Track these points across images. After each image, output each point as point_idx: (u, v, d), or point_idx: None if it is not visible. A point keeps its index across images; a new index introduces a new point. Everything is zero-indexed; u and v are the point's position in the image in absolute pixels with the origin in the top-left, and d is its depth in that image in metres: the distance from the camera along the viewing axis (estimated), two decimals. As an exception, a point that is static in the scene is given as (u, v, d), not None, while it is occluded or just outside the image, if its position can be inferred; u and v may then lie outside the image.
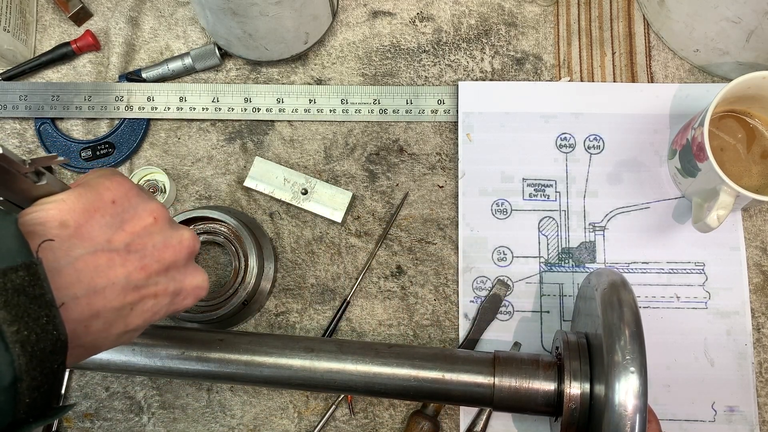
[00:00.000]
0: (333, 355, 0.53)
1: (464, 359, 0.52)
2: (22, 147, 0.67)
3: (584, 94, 0.66)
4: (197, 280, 0.41)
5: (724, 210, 0.54)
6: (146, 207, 0.39)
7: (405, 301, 0.63)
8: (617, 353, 0.43)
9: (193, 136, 0.67)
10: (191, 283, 0.40)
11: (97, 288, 0.34)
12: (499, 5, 0.69)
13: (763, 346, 0.61)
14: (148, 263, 0.37)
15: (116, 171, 0.39)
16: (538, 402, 0.50)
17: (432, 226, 0.65)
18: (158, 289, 0.38)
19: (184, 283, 0.40)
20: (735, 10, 0.58)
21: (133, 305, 0.36)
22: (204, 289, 0.41)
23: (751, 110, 0.60)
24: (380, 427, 0.61)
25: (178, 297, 0.39)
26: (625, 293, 0.47)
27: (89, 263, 0.34)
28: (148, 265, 0.37)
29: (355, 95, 0.67)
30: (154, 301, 0.38)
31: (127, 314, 0.36)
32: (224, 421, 0.62)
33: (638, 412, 0.42)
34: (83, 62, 0.69)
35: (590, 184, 0.64)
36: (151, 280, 0.37)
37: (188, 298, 0.40)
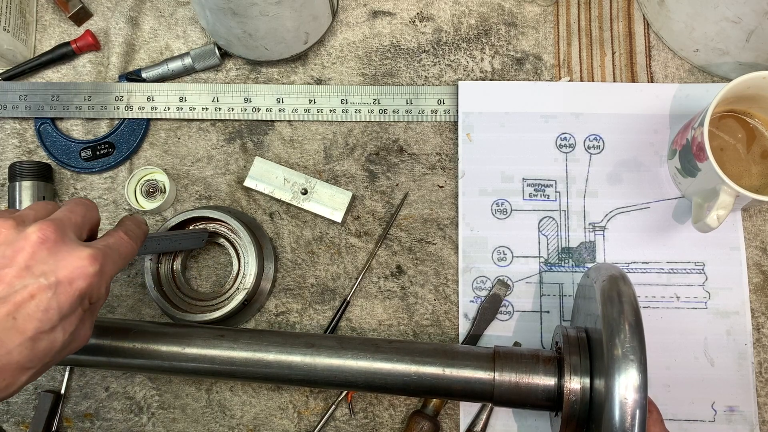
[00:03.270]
0: (333, 350, 0.53)
1: (464, 354, 0.52)
2: (22, 147, 0.67)
3: (584, 94, 0.66)
4: (72, 261, 0.40)
5: (724, 210, 0.54)
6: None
7: (405, 301, 0.63)
8: (617, 347, 0.43)
9: (193, 136, 0.67)
10: (67, 268, 0.40)
11: None
12: (499, 5, 0.69)
13: (763, 346, 0.61)
14: (2, 274, 0.39)
15: None
16: (539, 396, 0.50)
17: (432, 226, 0.65)
18: (31, 290, 0.38)
19: (57, 271, 0.40)
20: (735, 10, 0.58)
21: (12, 314, 0.38)
22: (87, 266, 0.41)
23: (751, 110, 0.60)
24: (380, 427, 0.61)
25: (61, 285, 0.39)
26: (624, 286, 0.47)
27: None
28: (3, 275, 0.38)
29: (355, 95, 0.67)
30: (34, 301, 0.38)
31: (13, 324, 0.38)
32: (224, 421, 0.62)
33: (638, 405, 0.42)
34: (83, 62, 0.69)
35: (590, 184, 0.64)
36: (17, 285, 0.38)
37: (76, 282, 0.40)
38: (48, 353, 0.40)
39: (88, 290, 0.41)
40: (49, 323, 0.39)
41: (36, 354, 0.39)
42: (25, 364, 0.38)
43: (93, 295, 0.42)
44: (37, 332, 0.38)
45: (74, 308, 0.40)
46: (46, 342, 0.39)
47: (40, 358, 0.39)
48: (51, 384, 0.63)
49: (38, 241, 0.40)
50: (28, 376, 0.39)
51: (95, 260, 0.41)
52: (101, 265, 0.41)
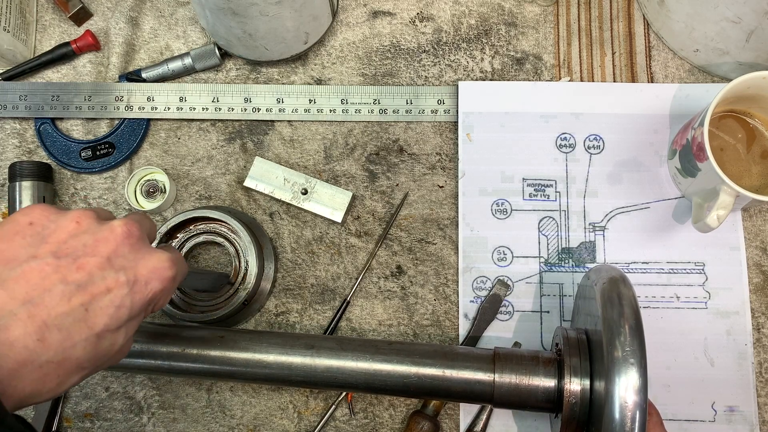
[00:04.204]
0: (333, 352, 0.53)
1: (464, 356, 0.52)
2: (22, 147, 0.67)
3: (584, 94, 0.66)
4: (153, 262, 0.39)
5: (724, 210, 0.54)
6: (66, 216, 0.38)
7: (405, 301, 0.63)
8: (617, 348, 0.43)
9: (193, 136, 0.67)
10: (146, 267, 0.39)
11: (34, 299, 0.34)
12: (499, 5, 0.69)
13: (763, 346, 0.61)
14: (84, 261, 0.37)
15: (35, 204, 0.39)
16: (539, 398, 0.50)
17: (432, 226, 0.65)
18: (108, 283, 0.37)
19: (137, 269, 0.38)
20: (735, 10, 0.58)
21: (86, 305, 0.36)
22: (167, 269, 0.40)
23: (751, 110, 0.60)
24: (380, 427, 0.61)
25: (138, 284, 0.38)
26: (624, 288, 0.47)
27: (18, 280, 0.35)
28: (84, 264, 0.37)
29: (355, 95, 0.67)
30: (109, 295, 0.37)
31: (84, 316, 0.36)
32: (224, 421, 0.62)
33: (638, 407, 0.42)
34: (83, 62, 0.69)
35: (590, 184, 0.64)
36: (97, 276, 0.37)
37: (152, 282, 0.39)
38: (106, 355, 0.37)
39: (159, 295, 0.40)
40: (117, 322, 0.37)
41: (96, 353, 0.36)
42: (83, 363, 0.36)
43: (159, 302, 0.40)
44: (105, 329, 0.36)
45: (142, 310, 0.39)
46: (108, 342, 0.37)
47: (97, 359, 0.37)
48: (51, 384, 0.63)
49: (123, 235, 0.39)
50: (79, 377, 0.37)
51: (174, 264, 0.40)
52: (176, 272, 0.41)
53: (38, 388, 0.35)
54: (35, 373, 0.34)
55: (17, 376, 0.33)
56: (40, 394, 0.35)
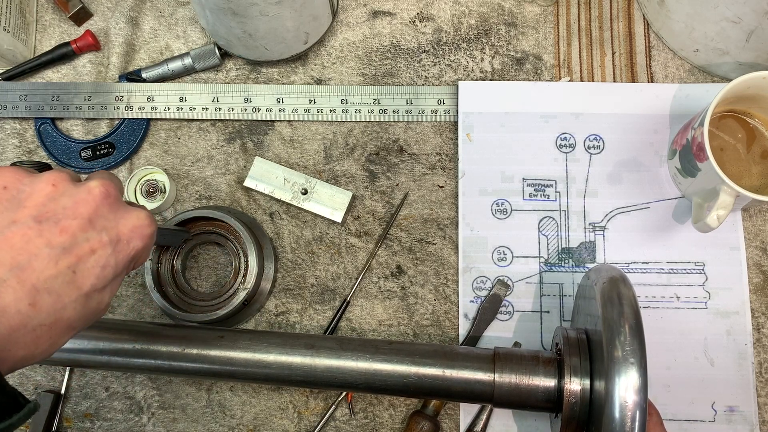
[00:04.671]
0: (333, 351, 0.53)
1: (464, 356, 0.52)
2: (22, 147, 0.67)
3: (584, 94, 0.66)
4: (132, 220, 0.40)
5: (724, 210, 0.54)
6: (41, 179, 0.38)
7: (405, 301, 0.63)
8: (617, 348, 0.43)
9: (193, 136, 0.67)
10: (127, 226, 0.39)
11: (22, 264, 0.35)
12: (499, 5, 0.69)
13: (763, 346, 0.61)
14: (66, 224, 0.37)
15: (4, 166, 0.39)
16: (539, 398, 0.50)
17: (432, 226, 0.65)
18: (92, 244, 0.37)
19: (119, 228, 0.39)
20: (735, 10, 0.58)
21: (73, 268, 0.36)
22: (146, 226, 0.40)
23: (751, 110, 0.60)
24: (380, 427, 0.61)
25: (120, 243, 0.39)
26: (624, 288, 0.47)
27: (2, 246, 0.35)
28: (67, 227, 0.37)
29: (355, 95, 0.67)
30: (94, 256, 0.37)
31: (72, 278, 0.36)
32: (224, 421, 0.62)
33: (638, 407, 0.42)
34: (83, 62, 0.69)
35: (590, 184, 0.64)
36: (80, 238, 0.37)
37: (133, 240, 0.40)
38: (94, 314, 0.38)
39: (141, 252, 0.40)
40: (104, 281, 0.38)
41: (86, 313, 0.37)
42: (73, 323, 0.37)
43: (140, 259, 0.41)
44: (92, 289, 0.37)
45: (125, 268, 0.40)
46: (96, 301, 0.38)
47: (86, 318, 0.38)
48: (51, 384, 0.63)
49: (101, 196, 0.39)
50: (69, 337, 0.38)
51: (152, 222, 0.41)
52: (154, 228, 0.42)
53: (31, 351, 0.35)
54: (28, 337, 0.34)
55: (11, 340, 0.34)
56: (33, 356, 0.35)
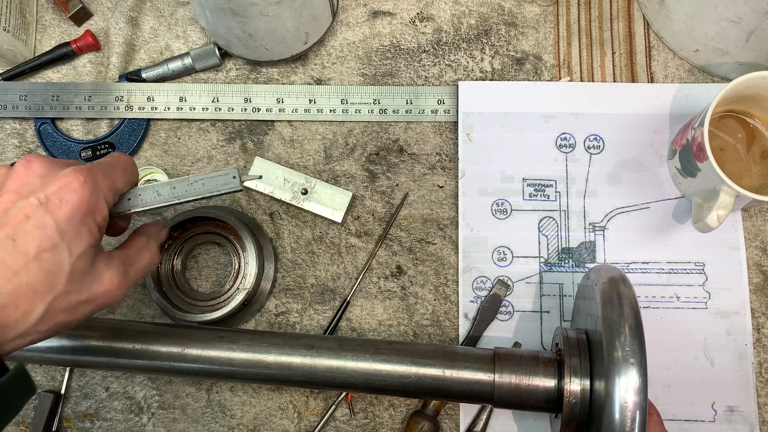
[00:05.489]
0: (333, 352, 0.53)
1: (464, 356, 0.52)
2: (22, 147, 0.67)
3: (584, 94, 0.66)
4: (59, 180, 0.41)
5: (724, 210, 0.54)
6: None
7: (405, 301, 0.63)
8: (617, 349, 0.43)
9: (193, 136, 0.67)
10: (54, 186, 0.41)
11: None
12: (499, 5, 0.69)
13: (763, 346, 0.61)
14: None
15: None
16: (539, 398, 0.50)
17: (432, 226, 0.65)
18: (24, 210, 0.40)
19: (46, 190, 0.41)
20: (735, 10, 0.58)
21: (12, 236, 0.39)
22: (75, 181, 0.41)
23: (751, 110, 0.60)
24: (380, 427, 0.61)
25: (51, 202, 0.40)
26: (624, 288, 0.47)
27: None
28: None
29: (355, 95, 0.67)
30: (30, 220, 0.39)
31: (14, 246, 0.39)
32: (224, 421, 0.62)
33: (638, 408, 0.42)
34: (83, 62, 0.69)
35: (590, 184, 0.64)
36: (11, 209, 0.40)
37: (65, 196, 0.41)
38: (57, 275, 0.40)
39: (82, 204, 0.41)
40: (49, 240, 0.39)
41: (45, 276, 0.39)
42: (36, 287, 0.39)
43: (96, 214, 0.42)
44: (39, 251, 0.39)
45: (75, 225, 0.41)
46: (50, 261, 0.39)
47: (50, 282, 0.39)
48: (51, 384, 0.63)
49: (26, 168, 0.42)
50: (46, 305, 0.39)
51: (79, 173, 0.42)
52: (92, 179, 0.42)
53: (4, 320, 0.38)
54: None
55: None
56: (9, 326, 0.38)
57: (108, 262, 0.44)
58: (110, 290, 0.43)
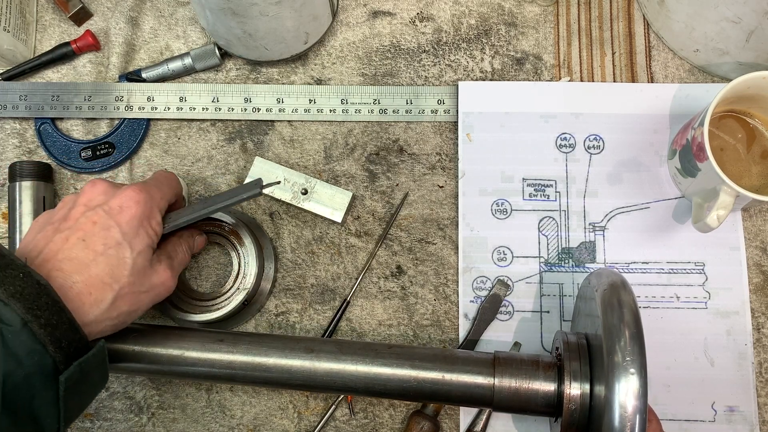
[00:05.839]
0: (333, 355, 0.52)
1: (464, 360, 0.52)
2: (22, 147, 0.67)
3: (584, 94, 0.66)
4: (121, 195, 0.50)
5: (724, 210, 0.54)
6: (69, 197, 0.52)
7: (405, 301, 0.63)
8: (617, 354, 0.43)
9: (193, 136, 0.67)
10: (117, 199, 0.50)
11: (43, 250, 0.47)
12: (499, 5, 0.69)
13: (763, 346, 0.61)
14: (70, 215, 0.49)
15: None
16: (538, 403, 0.50)
17: (432, 226, 0.65)
18: (92, 218, 0.48)
19: (110, 203, 0.49)
20: (735, 10, 0.58)
21: (82, 238, 0.47)
22: (134, 194, 0.50)
23: (751, 110, 0.60)
24: (380, 427, 0.61)
25: (113, 210, 0.49)
26: (625, 294, 0.47)
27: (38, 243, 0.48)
28: (71, 215, 0.49)
29: (355, 95, 0.67)
30: (97, 225, 0.48)
31: (84, 245, 0.47)
32: (224, 421, 0.62)
33: (638, 413, 0.42)
34: (83, 62, 0.69)
35: (590, 184, 0.64)
36: (81, 219, 0.48)
37: (125, 205, 0.50)
38: (122, 268, 0.48)
39: (139, 211, 0.50)
40: (113, 239, 0.48)
41: (111, 269, 0.47)
42: (104, 278, 0.47)
43: (151, 219, 0.51)
44: (106, 248, 0.47)
45: (134, 228, 0.49)
46: (115, 257, 0.48)
47: (116, 274, 0.47)
48: (51, 384, 0.63)
49: (89, 187, 0.51)
50: (114, 293, 0.47)
51: (139, 189, 0.51)
52: (147, 192, 0.51)
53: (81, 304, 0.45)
54: (71, 293, 0.45)
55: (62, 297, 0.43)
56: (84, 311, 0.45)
57: (158, 258, 0.52)
58: (166, 281, 0.52)
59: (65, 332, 0.42)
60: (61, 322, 0.42)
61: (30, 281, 0.41)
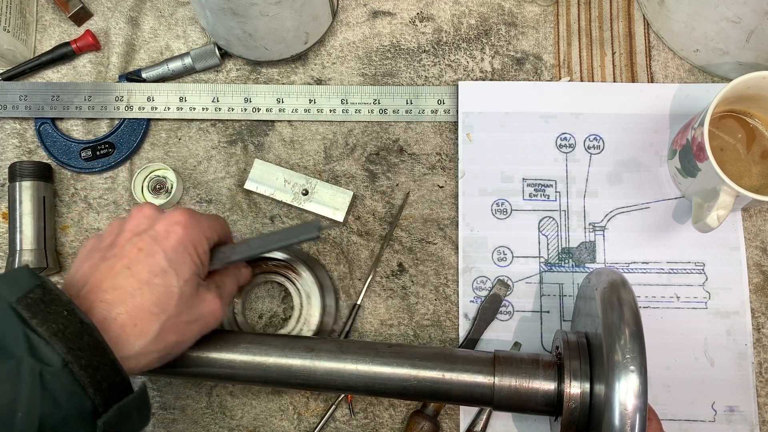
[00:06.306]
0: (333, 354, 0.52)
1: (464, 359, 0.52)
2: (22, 147, 0.67)
3: (584, 94, 0.66)
4: (166, 219, 0.48)
5: (724, 210, 0.54)
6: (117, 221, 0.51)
7: (405, 300, 0.63)
8: (617, 353, 0.43)
9: (193, 137, 0.67)
10: (162, 224, 0.48)
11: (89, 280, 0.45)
12: (499, 5, 0.69)
13: (763, 346, 0.61)
14: (117, 241, 0.48)
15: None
16: (538, 401, 0.50)
17: (432, 226, 0.65)
18: (137, 245, 0.46)
19: (155, 228, 0.48)
20: (735, 10, 0.58)
21: (127, 266, 0.45)
22: (177, 218, 0.48)
23: (751, 110, 0.60)
24: (380, 427, 0.61)
25: (159, 236, 0.47)
26: (625, 293, 0.47)
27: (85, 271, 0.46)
28: (117, 242, 0.47)
29: (355, 95, 0.67)
30: (142, 252, 0.46)
31: (129, 273, 0.45)
32: (224, 422, 0.62)
33: (638, 412, 0.42)
34: (83, 62, 0.69)
35: (590, 184, 0.64)
36: (127, 245, 0.47)
37: (171, 229, 0.48)
38: (168, 297, 0.45)
39: (185, 237, 0.48)
40: (158, 266, 0.46)
41: (157, 297, 0.45)
42: (149, 308, 0.44)
43: (198, 246, 0.48)
44: (151, 276, 0.45)
45: (180, 254, 0.47)
46: (161, 285, 0.45)
47: (162, 303, 0.45)
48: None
49: (136, 213, 0.49)
50: (160, 324, 0.45)
51: (185, 213, 0.49)
52: (193, 217, 0.49)
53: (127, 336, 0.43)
54: (114, 325, 0.43)
55: (102, 329, 0.42)
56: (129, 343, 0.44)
57: (208, 286, 0.50)
58: (214, 310, 0.50)
59: (107, 374, 0.40)
60: (102, 364, 0.40)
61: (73, 319, 0.40)
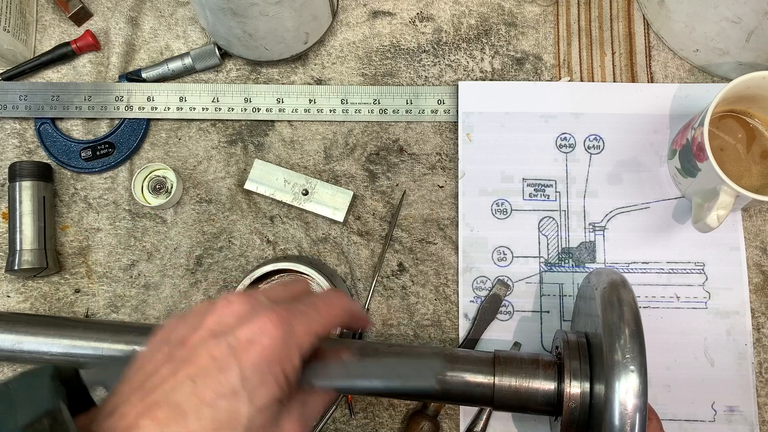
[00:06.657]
0: (333, 354, 0.52)
1: (464, 359, 0.52)
2: (22, 147, 0.67)
3: (584, 94, 0.66)
4: (255, 323, 0.38)
5: (724, 210, 0.54)
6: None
7: (406, 300, 0.63)
8: (617, 352, 0.43)
9: (193, 137, 0.67)
10: (248, 329, 0.38)
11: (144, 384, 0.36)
12: (499, 5, 0.69)
13: (763, 346, 0.61)
14: (190, 338, 0.38)
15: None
16: (539, 401, 0.50)
17: (432, 226, 0.65)
18: (211, 351, 0.37)
19: (238, 332, 0.38)
20: (735, 10, 0.58)
21: (192, 377, 0.36)
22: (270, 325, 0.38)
23: (751, 110, 0.60)
24: (380, 427, 0.61)
25: (240, 346, 0.37)
26: (624, 292, 0.47)
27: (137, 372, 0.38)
28: (189, 340, 0.38)
29: (355, 95, 0.67)
30: (214, 362, 0.37)
31: (193, 388, 0.35)
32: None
33: (638, 411, 0.42)
34: (83, 62, 0.69)
35: (590, 184, 0.64)
36: (199, 348, 0.37)
37: (255, 340, 0.38)
38: (231, 427, 0.35)
39: (272, 353, 0.38)
40: (228, 386, 0.36)
41: (217, 424, 0.35)
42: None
43: (286, 366, 0.38)
44: (216, 396, 0.35)
45: (260, 372, 0.37)
46: (225, 411, 0.35)
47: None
48: (51, 384, 0.63)
49: (222, 307, 0.39)
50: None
51: (279, 319, 0.38)
52: (287, 324, 0.39)
53: None
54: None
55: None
56: None
57: (290, 410, 0.40)
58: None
59: None
60: None
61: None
